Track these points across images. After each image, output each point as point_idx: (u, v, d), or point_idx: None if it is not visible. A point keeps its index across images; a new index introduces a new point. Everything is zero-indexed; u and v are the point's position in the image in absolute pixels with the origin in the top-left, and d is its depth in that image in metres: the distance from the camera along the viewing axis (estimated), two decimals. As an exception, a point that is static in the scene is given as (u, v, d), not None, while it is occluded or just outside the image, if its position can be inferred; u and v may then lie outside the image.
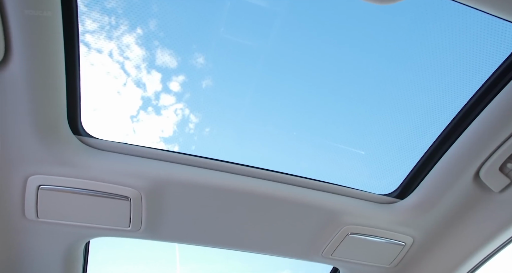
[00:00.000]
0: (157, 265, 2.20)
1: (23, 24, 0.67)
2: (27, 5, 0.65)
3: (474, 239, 1.12)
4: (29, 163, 0.89)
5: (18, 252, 1.08)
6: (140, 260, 2.14)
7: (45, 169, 0.90)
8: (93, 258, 1.35)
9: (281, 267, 2.63)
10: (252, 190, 1.06)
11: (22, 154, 0.87)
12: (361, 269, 1.32)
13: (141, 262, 2.14)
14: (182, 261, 2.18)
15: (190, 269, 2.29)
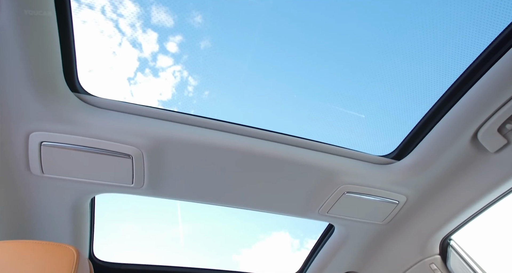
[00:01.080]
0: (161, 224, 2.30)
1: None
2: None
3: (464, 197, 1.16)
4: (29, 119, 0.89)
5: (28, 205, 1.12)
6: (145, 219, 2.23)
7: (46, 125, 0.91)
8: (99, 217, 1.41)
9: (279, 227, 2.76)
10: (252, 149, 1.07)
11: (21, 110, 0.87)
12: (355, 225, 1.39)
13: (145, 221, 2.23)
14: (184, 220, 2.28)
15: (192, 228, 2.39)
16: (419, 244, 1.37)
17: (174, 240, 2.41)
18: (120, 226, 1.93)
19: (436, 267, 1.34)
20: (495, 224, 1.31)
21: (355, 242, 1.49)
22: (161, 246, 2.35)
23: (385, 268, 1.54)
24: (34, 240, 0.75)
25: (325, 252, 1.59)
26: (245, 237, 2.70)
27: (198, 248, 2.50)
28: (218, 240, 2.53)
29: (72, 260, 0.72)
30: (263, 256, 2.71)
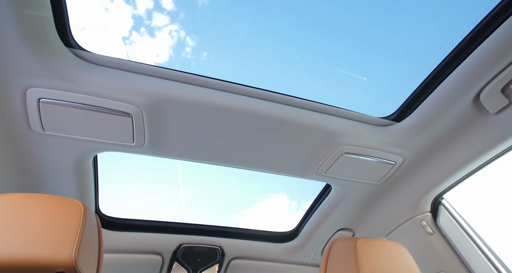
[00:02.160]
0: (162, 186, 2.37)
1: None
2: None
3: (459, 157, 1.19)
4: (24, 75, 0.88)
5: (33, 162, 1.15)
6: (147, 181, 2.29)
7: (42, 81, 0.90)
8: (103, 177, 1.45)
9: (277, 189, 2.85)
10: (252, 109, 1.07)
11: (16, 65, 0.86)
12: (352, 185, 1.43)
13: (147, 183, 2.29)
14: (184, 182, 2.34)
15: (193, 189, 2.46)
16: (411, 203, 1.43)
17: (175, 201, 2.50)
18: (123, 186, 1.99)
19: (426, 223, 1.41)
20: (485, 184, 1.35)
21: (350, 201, 1.55)
22: (163, 206, 2.43)
23: (378, 225, 1.63)
24: (42, 194, 0.76)
25: (321, 211, 1.66)
26: (244, 199, 2.80)
27: (199, 209, 2.60)
28: (218, 201, 2.62)
29: (79, 213, 0.75)
30: (261, 216, 2.83)
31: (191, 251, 1.70)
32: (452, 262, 1.31)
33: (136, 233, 1.62)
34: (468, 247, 1.26)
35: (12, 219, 0.68)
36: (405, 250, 1.05)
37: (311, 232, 1.78)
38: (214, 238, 1.73)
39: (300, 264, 1.98)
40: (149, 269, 1.73)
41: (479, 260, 1.22)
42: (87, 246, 0.74)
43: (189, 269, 1.75)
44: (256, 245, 1.82)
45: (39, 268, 0.65)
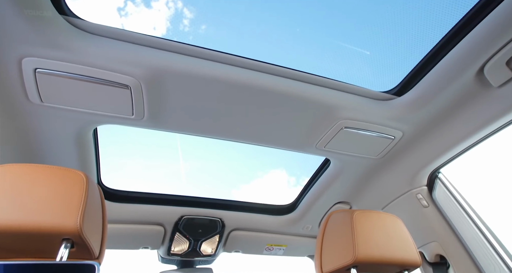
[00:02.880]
0: (162, 161, 2.39)
1: None
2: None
3: (459, 132, 1.19)
4: (17, 43, 0.86)
5: (33, 134, 1.15)
6: (146, 156, 2.30)
7: (36, 50, 0.88)
8: (104, 151, 1.46)
9: (276, 165, 2.89)
10: (252, 82, 1.06)
11: (8, 33, 0.83)
12: (351, 159, 1.45)
13: (147, 158, 2.31)
14: (184, 157, 2.36)
15: (192, 165, 2.49)
16: (408, 177, 1.45)
17: (175, 176, 2.53)
18: (124, 161, 2.00)
19: (422, 196, 1.44)
20: (482, 159, 1.37)
21: (348, 175, 1.57)
22: (163, 181, 2.47)
23: (374, 198, 1.66)
24: (44, 164, 0.77)
25: (319, 184, 1.69)
26: (243, 174, 2.83)
27: (199, 184, 2.65)
28: (217, 176, 2.66)
29: (82, 184, 0.76)
30: (261, 191, 2.89)
31: (192, 223, 1.75)
32: (445, 232, 1.36)
33: (138, 205, 1.66)
34: (461, 219, 1.30)
35: (16, 188, 0.69)
36: (399, 221, 1.08)
37: (309, 205, 1.83)
38: (214, 210, 1.77)
39: (298, 236, 2.05)
40: (152, 239, 1.79)
41: (471, 231, 1.26)
42: (91, 215, 0.76)
43: (191, 240, 1.81)
44: (256, 217, 1.87)
45: (46, 235, 0.67)
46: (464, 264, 1.27)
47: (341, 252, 0.98)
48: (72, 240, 0.71)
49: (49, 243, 0.71)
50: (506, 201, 1.37)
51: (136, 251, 1.87)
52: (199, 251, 1.89)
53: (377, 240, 0.98)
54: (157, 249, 1.92)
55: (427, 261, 1.44)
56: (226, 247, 1.98)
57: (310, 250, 2.19)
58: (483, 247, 1.22)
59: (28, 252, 0.74)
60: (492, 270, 1.18)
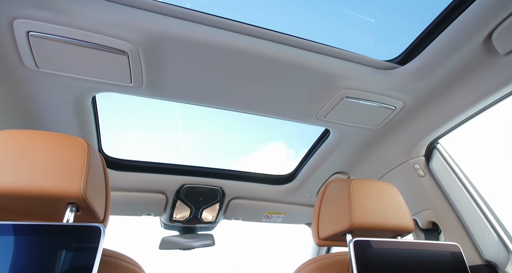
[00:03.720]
0: (161, 132, 2.39)
1: None
2: None
3: (460, 102, 1.19)
4: (7, 4, 0.82)
5: (31, 101, 1.14)
6: (146, 128, 2.30)
7: (28, 12, 0.84)
8: (103, 121, 1.46)
9: (276, 138, 2.90)
10: (252, 49, 1.03)
11: None
12: (350, 130, 1.45)
13: (146, 130, 2.30)
14: (184, 129, 2.36)
15: (192, 137, 2.49)
16: (407, 147, 1.47)
17: (175, 148, 2.55)
18: (123, 132, 2.00)
19: (419, 166, 1.47)
20: (481, 130, 1.37)
21: (347, 146, 1.59)
22: (163, 152, 2.49)
23: (372, 168, 1.69)
24: (45, 131, 0.77)
25: (318, 155, 1.71)
26: (243, 146, 2.85)
27: (199, 155, 2.68)
28: (217, 148, 2.68)
29: (83, 151, 0.76)
30: (260, 163, 2.93)
31: (193, 191, 1.80)
32: (438, 201, 1.40)
33: (140, 173, 1.69)
34: (455, 188, 1.33)
35: (19, 153, 0.70)
36: (395, 190, 1.11)
37: (308, 175, 1.86)
38: (214, 179, 1.81)
39: (296, 204, 2.11)
40: (154, 206, 1.85)
41: (464, 199, 1.30)
42: (94, 181, 0.78)
43: (192, 207, 1.87)
44: (255, 186, 1.91)
45: (51, 198, 0.69)
46: (455, 230, 1.33)
47: (338, 219, 1.01)
48: (77, 204, 0.73)
49: (55, 207, 0.73)
50: (501, 171, 1.39)
51: (139, 217, 1.94)
52: (200, 218, 1.95)
53: (373, 207, 1.01)
54: (160, 216, 1.99)
55: (419, 227, 1.50)
56: (226, 215, 2.04)
57: (307, 218, 2.27)
58: (475, 214, 1.26)
59: (35, 214, 0.76)
60: (481, 235, 1.24)
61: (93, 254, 0.65)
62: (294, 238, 2.86)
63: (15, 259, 0.61)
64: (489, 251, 1.20)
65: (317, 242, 1.12)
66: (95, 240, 0.67)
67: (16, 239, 0.63)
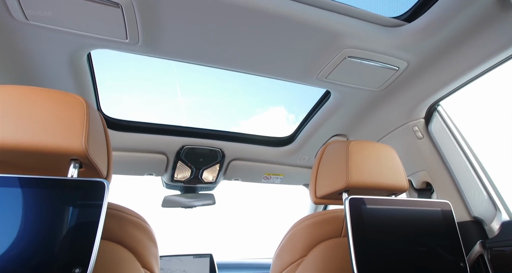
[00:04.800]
0: (161, 96, 2.36)
1: None
2: None
3: (466, 62, 1.15)
4: None
5: (24, 57, 1.11)
6: (145, 92, 2.27)
7: None
8: (102, 85, 1.43)
9: (276, 102, 2.87)
10: (253, 4, 0.97)
11: None
12: (351, 91, 1.43)
13: (146, 93, 2.27)
14: (183, 93, 2.32)
15: (191, 100, 2.46)
16: (407, 109, 1.46)
17: (174, 112, 2.53)
18: (121, 95, 1.97)
19: (417, 129, 1.47)
20: (484, 93, 1.36)
21: (347, 108, 1.58)
22: (162, 116, 2.49)
23: (371, 131, 1.70)
24: (42, 87, 0.76)
25: (318, 117, 1.71)
26: (243, 111, 2.84)
27: (198, 118, 2.67)
28: (216, 112, 2.66)
29: (82, 109, 0.75)
30: (259, 128, 2.94)
31: (193, 152, 1.83)
32: (434, 162, 1.43)
33: (140, 134, 1.70)
34: (452, 149, 1.35)
35: (17, 109, 0.69)
36: (393, 151, 1.12)
37: (307, 137, 1.88)
38: (214, 141, 1.83)
39: (294, 166, 2.16)
40: (156, 167, 1.89)
41: (459, 160, 1.33)
42: (95, 138, 0.78)
43: (192, 168, 1.91)
44: (255, 148, 1.94)
45: (53, 154, 0.69)
46: (447, 190, 1.37)
47: (335, 178, 1.04)
48: (80, 161, 0.74)
49: (58, 163, 0.74)
50: (500, 133, 1.41)
51: (142, 177, 1.99)
52: (201, 179, 2.01)
53: (370, 167, 1.03)
54: (161, 176, 2.04)
55: (413, 187, 1.55)
56: (226, 176, 2.10)
57: (305, 179, 2.33)
58: (468, 175, 1.29)
59: (40, 170, 0.78)
60: (472, 194, 1.28)
61: (98, 207, 0.68)
62: (292, 199, 2.97)
63: (22, 211, 0.63)
64: (477, 209, 1.26)
65: (314, 201, 1.16)
66: (100, 194, 0.70)
67: (23, 191, 0.65)
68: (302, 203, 2.63)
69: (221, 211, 4.17)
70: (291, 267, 1.04)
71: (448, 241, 0.97)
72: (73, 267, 0.62)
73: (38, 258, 0.61)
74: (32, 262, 0.60)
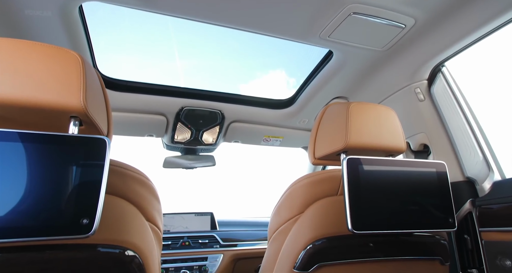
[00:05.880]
0: (158, 60, 2.29)
1: None
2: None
3: (477, 18, 1.10)
4: None
5: (11, 9, 1.06)
6: (141, 53, 2.19)
7: None
8: (97, 45, 1.38)
9: (276, 66, 2.80)
10: None
11: None
12: (354, 51, 1.39)
13: (142, 54, 2.20)
14: (181, 56, 2.25)
15: (189, 64, 2.39)
16: (411, 71, 1.43)
17: (172, 74, 2.47)
18: (117, 56, 1.91)
19: (420, 90, 1.46)
20: (491, 54, 1.32)
21: (349, 69, 1.54)
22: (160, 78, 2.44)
23: (372, 93, 1.68)
24: (34, 41, 0.73)
25: (319, 79, 1.68)
26: (242, 74, 2.77)
27: (197, 81, 2.62)
28: (215, 75, 2.61)
29: (78, 65, 0.73)
30: (259, 90, 2.89)
31: (193, 114, 1.82)
32: (434, 124, 1.43)
33: (138, 94, 1.68)
34: (452, 111, 1.35)
35: (10, 64, 0.67)
36: (393, 113, 1.12)
37: (307, 99, 1.86)
38: (214, 102, 1.82)
39: (294, 129, 2.17)
40: (156, 128, 1.90)
41: (459, 122, 1.33)
42: (93, 96, 0.77)
43: (192, 129, 1.92)
44: (255, 110, 1.93)
45: (52, 111, 0.69)
46: (444, 151, 1.39)
47: (334, 139, 1.04)
48: (80, 118, 0.74)
49: (58, 120, 0.74)
50: (503, 95, 1.39)
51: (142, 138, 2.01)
52: (201, 140, 2.03)
53: (369, 128, 1.03)
54: (162, 137, 2.06)
55: (411, 150, 1.57)
56: (226, 137, 2.12)
57: (305, 142, 2.36)
58: (466, 136, 1.31)
59: (40, 127, 0.78)
60: (468, 155, 1.30)
61: (101, 162, 0.69)
62: (291, 162, 3.03)
63: (27, 167, 0.64)
64: (471, 169, 1.29)
65: (313, 161, 1.18)
66: (102, 151, 0.70)
67: (26, 147, 0.65)
68: (301, 166, 2.69)
69: (222, 173, 4.29)
70: (288, 223, 1.09)
71: (440, 199, 1.01)
72: (81, 218, 0.65)
73: (47, 211, 0.63)
74: (42, 215, 0.63)
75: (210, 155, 2.24)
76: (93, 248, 0.72)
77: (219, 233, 2.11)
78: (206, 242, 2.03)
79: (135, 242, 0.77)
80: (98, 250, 0.72)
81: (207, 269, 1.92)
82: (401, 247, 1.04)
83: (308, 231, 0.99)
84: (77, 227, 0.64)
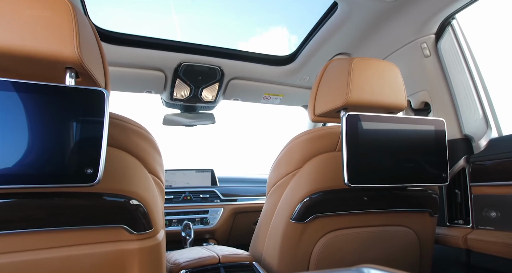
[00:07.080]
0: (153, 14, 2.16)
1: None
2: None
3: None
4: None
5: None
6: (135, 6, 2.07)
7: None
8: None
9: (276, 22, 2.66)
10: None
11: None
12: (361, 2, 1.30)
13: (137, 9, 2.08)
14: (177, 10, 2.13)
15: (186, 19, 2.27)
16: (419, 23, 1.36)
17: (168, 30, 2.36)
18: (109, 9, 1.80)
19: (426, 46, 1.40)
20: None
21: (354, 22, 1.47)
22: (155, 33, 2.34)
23: (377, 49, 1.62)
24: None
25: (322, 33, 1.60)
26: (242, 31, 2.65)
27: (195, 37, 2.52)
28: (214, 33, 2.49)
29: (69, 12, 0.68)
30: (260, 47, 2.78)
31: (192, 70, 1.78)
32: (437, 81, 1.40)
33: (135, 48, 1.62)
34: (458, 68, 1.32)
35: None
36: (396, 69, 1.09)
37: (309, 56, 1.80)
38: (213, 58, 1.76)
39: (295, 86, 2.14)
40: (154, 84, 1.86)
41: (463, 79, 1.30)
42: (88, 46, 0.74)
43: (191, 86, 1.89)
44: (255, 67, 1.88)
45: (45, 61, 0.66)
46: (445, 109, 1.39)
47: (335, 96, 1.03)
48: (75, 70, 0.72)
49: (53, 71, 0.72)
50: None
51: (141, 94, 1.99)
52: (200, 97, 2.01)
53: (371, 85, 1.01)
54: (160, 94, 2.04)
55: (411, 107, 1.57)
56: (225, 95, 2.09)
57: (305, 100, 2.34)
58: (468, 94, 1.29)
59: (37, 78, 0.76)
60: (468, 113, 1.30)
61: (101, 114, 0.69)
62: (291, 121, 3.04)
63: (27, 118, 0.64)
64: (470, 127, 1.30)
65: (312, 118, 1.18)
66: (101, 103, 0.70)
67: (24, 97, 0.64)
68: (300, 125, 2.69)
69: (222, 131, 4.32)
70: (287, 177, 1.12)
71: (436, 156, 1.03)
72: (85, 168, 0.66)
73: (51, 161, 0.65)
74: (47, 164, 0.64)
75: (210, 112, 2.23)
76: (99, 196, 0.74)
77: (219, 188, 2.19)
78: (207, 196, 2.12)
79: (139, 192, 0.80)
80: (104, 199, 0.75)
81: (209, 221, 2.03)
82: (394, 200, 1.09)
83: (306, 184, 1.03)
84: (82, 176, 0.66)
